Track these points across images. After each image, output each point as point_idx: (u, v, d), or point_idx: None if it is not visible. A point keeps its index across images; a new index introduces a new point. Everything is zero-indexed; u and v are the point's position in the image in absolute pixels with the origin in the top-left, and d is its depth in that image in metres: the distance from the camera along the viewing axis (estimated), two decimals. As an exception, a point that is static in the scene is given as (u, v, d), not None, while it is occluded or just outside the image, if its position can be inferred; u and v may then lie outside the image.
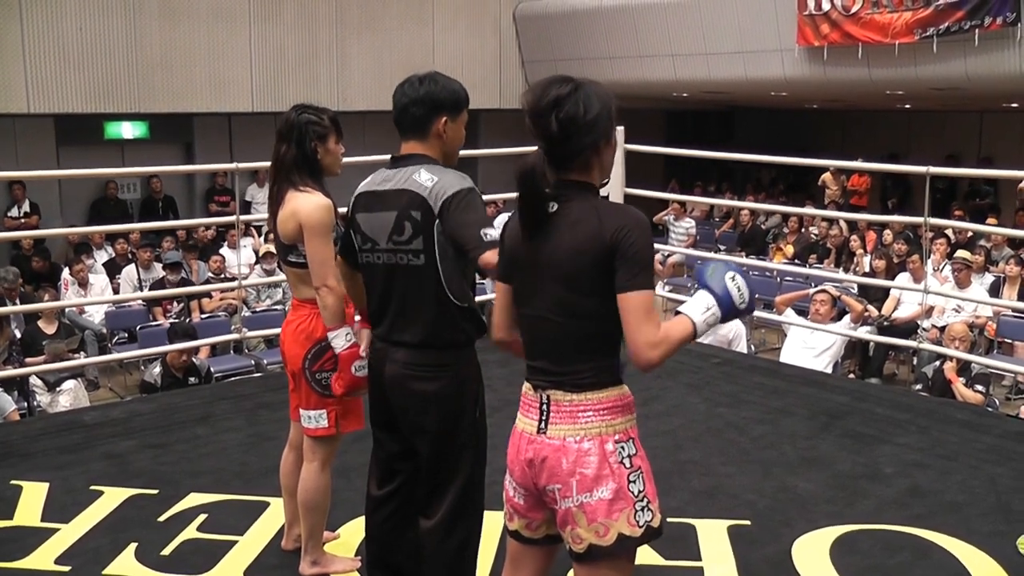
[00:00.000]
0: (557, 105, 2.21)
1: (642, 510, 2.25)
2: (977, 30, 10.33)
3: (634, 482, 2.24)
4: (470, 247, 2.67)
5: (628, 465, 2.24)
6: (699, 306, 2.25)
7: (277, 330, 8.02)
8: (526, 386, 2.35)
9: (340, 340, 3.14)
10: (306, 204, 3.18)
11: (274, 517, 3.86)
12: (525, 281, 2.33)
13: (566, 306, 2.24)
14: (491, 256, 2.56)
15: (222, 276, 9.75)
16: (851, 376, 8.74)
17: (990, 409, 6.72)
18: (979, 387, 7.02)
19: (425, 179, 2.77)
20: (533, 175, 2.23)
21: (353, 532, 3.73)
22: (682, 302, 2.37)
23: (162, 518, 3.88)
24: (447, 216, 2.70)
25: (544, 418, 2.27)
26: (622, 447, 2.24)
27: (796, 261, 11.48)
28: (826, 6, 11.44)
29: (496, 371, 4.59)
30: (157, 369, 7.11)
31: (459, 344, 2.84)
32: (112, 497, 4.07)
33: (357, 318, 3.18)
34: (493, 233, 2.60)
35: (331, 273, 3.12)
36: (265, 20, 13.25)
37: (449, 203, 2.71)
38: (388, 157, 3.01)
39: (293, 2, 13.51)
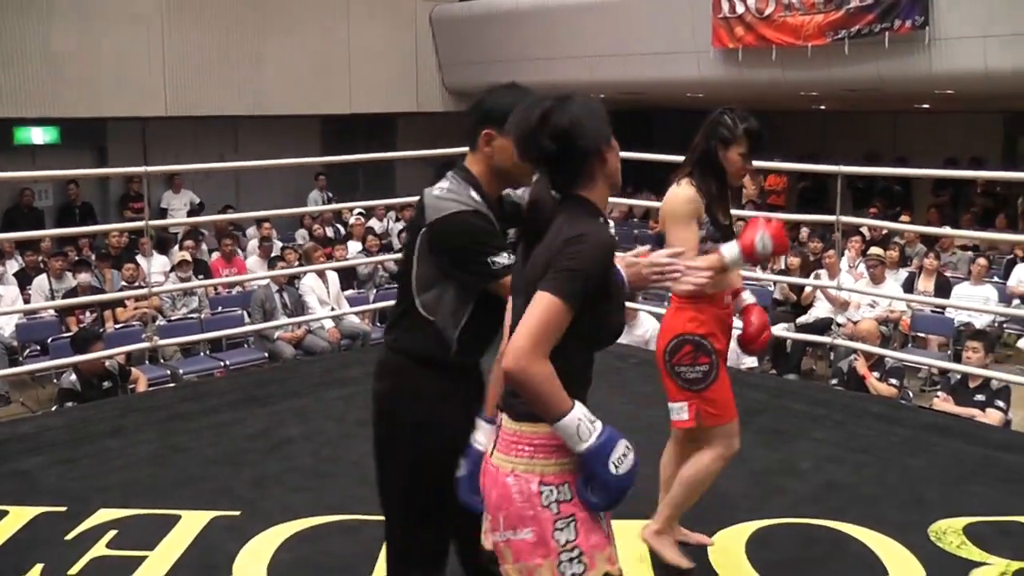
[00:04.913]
0: (545, 121, 2.13)
1: (569, 562, 2.10)
2: (887, 33, 10.55)
3: (561, 531, 2.10)
4: (479, 279, 2.54)
5: (555, 511, 2.10)
6: (584, 424, 2.07)
7: (192, 337, 7.99)
8: None
9: (736, 262, 3.32)
10: (671, 196, 3.35)
11: (186, 530, 3.78)
12: (513, 296, 2.27)
13: (519, 319, 2.11)
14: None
15: (136, 285, 9.53)
16: (772, 373, 8.86)
17: (904, 402, 6.86)
18: (893, 381, 7.16)
19: (438, 186, 2.61)
20: (540, 208, 2.16)
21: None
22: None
23: (70, 536, 3.76)
24: (437, 236, 2.55)
25: (496, 440, 2.20)
26: (550, 491, 2.11)
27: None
28: (740, 9, 11.60)
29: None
30: (72, 376, 6.93)
31: (412, 355, 2.64)
32: (17, 517, 3.94)
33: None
34: (502, 258, 2.49)
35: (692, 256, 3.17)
36: (177, 23, 13.02)
37: (438, 225, 2.54)
38: (307, 160, 2.94)
39: (206, 4, 13.29)
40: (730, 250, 3.29)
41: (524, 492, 2.11)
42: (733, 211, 3.62)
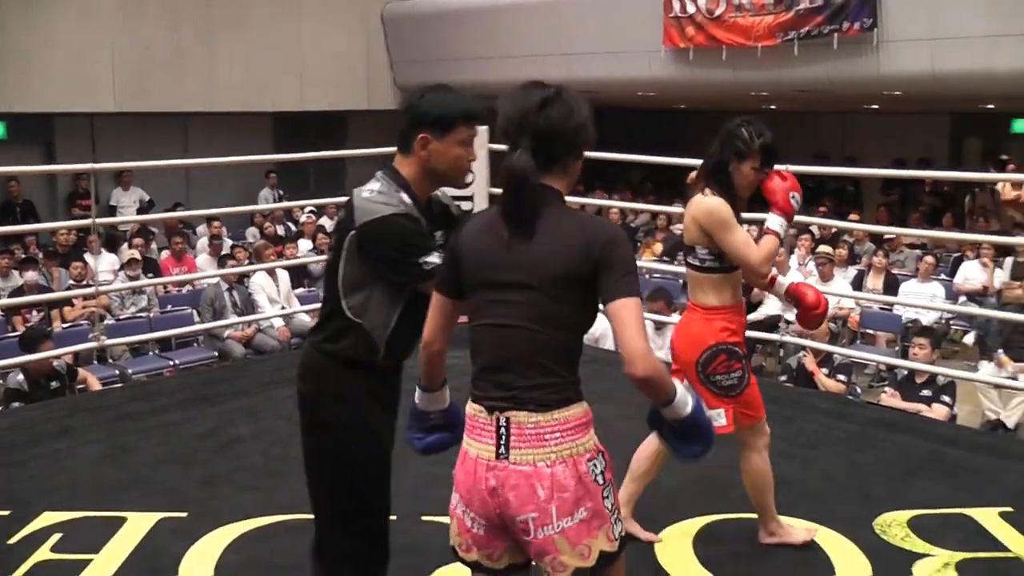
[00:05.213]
0: (545, 105, 2.19)
1: (615, 522, 2.21)
2: (836, 34, 10.66)
3: (607, 497, 2.20)
4: (411, 280, 2.55)
5: (601, 482, 2.19)
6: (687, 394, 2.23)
7: (140, 337, 7.88)
8: (475, 408, 2.22)
9: (784, 227, 3.47)
10: (708, 207, 3.35)
11: (132, 532, 3.73)
12: (491, 290, 2.21)
13: (545, 315, 2.15)
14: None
15: (84, 284, 9.40)
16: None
17: (851, 398, 6.95)
18: (841, 377, 7.26)
19: (367, 188, 2.59)
20: (527, 178, 2.15)
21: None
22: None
23: (12, 540, 3.69)
24: (368, 239, 2.54)
25: (504, 442, 2.15)
26: (594, 464, 2.18)
27: (665, 258, 11.66)
28: (691, 9, 11.67)
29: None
30: (20, 376, 6.82)
31: (337, 357, 2.64)
32: (-41, 522, 3.87)
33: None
34: (432, 258, 2.50)
35: (752, 251, 3.32)
36: (127, 16, 12.85)
37: (369, 227, 2.53)
38: (258, 158, 2.94)
39: (158, -2, 13.17)
40: (777, 223, 3.45)
41: (576, 474, 2.15)
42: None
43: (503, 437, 2.15)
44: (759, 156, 3.40)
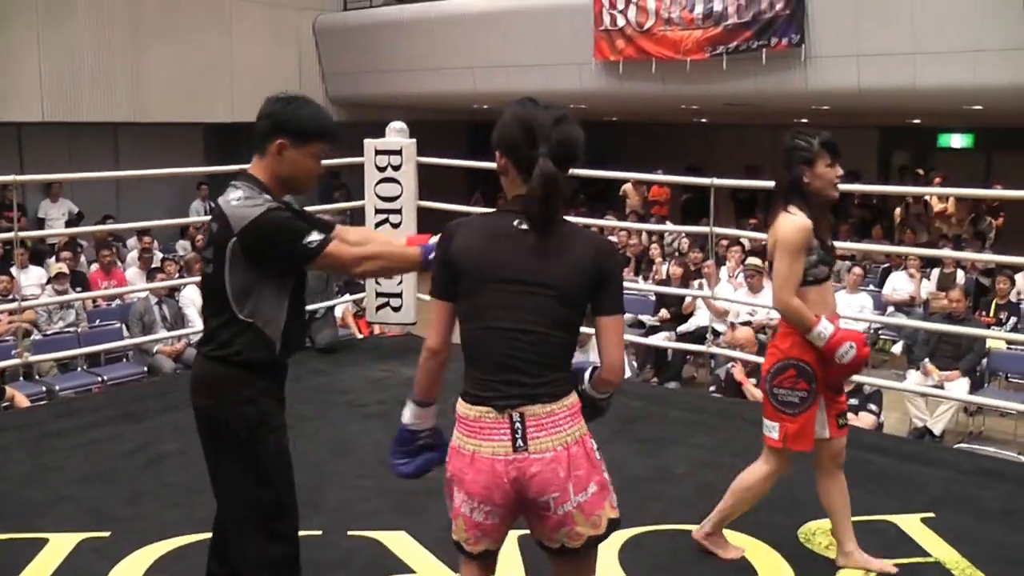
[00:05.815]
0: (560, 122, 2.34)
1: (612, 492, 2.44)
2: (764, 50, 10.86)
3: (604, 471, 2.43)
4: (302, 262, 2.70)
5: (600, 457, 2.42)
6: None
7: (67, 352, 7.72)
8: (480, 410, 2.35)
9: (819, 339, 3.37)
10: (787, 224, 3.37)
11: (53, 554, 3.65)
12: (497, 294, 2.35)
13: (557, 319, 2.34)
14: (335, 250, 2.67)
15: (10, 298, 9.21)
16: (654, 382, 8.99)
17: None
18: (769, 386, 7.34)
19: (233, 196, 2.71)
20: (558, 182, 2.29)
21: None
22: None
23: (-71, 564, 3.61)
24: (252, 241, 2.63)
25: (521, 435, 2.31)
26: (593, 442, 2.42)
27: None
28: (621, 22, 11.79)
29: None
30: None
31: (237, 363, 2.71)
32: None
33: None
34: (314, 236, 2.64)
35: (787, 290, 3.34)
36: (55, 24, 12.63)
37: (250, 229, 2.63)
38: (190, 170, 3.03)
39: (85, 5, 12.92)
40: (824, 330, 3.39)
41: (585, 453, 2.38)
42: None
43: (519, 431, 2.32)
44: (826, 152, 3.45)
